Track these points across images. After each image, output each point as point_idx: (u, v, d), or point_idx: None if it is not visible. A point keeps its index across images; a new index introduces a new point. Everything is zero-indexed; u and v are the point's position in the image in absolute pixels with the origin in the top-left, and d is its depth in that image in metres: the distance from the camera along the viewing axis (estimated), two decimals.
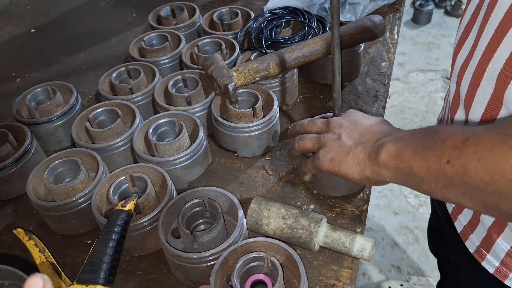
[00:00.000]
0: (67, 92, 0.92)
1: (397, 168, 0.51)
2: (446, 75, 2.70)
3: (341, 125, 0.63)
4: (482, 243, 0.66)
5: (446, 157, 0.44)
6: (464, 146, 0.43)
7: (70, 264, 0.70)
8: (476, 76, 0.57)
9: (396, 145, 0.52)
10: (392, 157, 0.52)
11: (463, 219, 0.70)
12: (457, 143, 0.44)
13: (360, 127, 0.62)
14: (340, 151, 0.60)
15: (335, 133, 0.63)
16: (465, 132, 0.44)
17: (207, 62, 0.84)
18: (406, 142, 0.51)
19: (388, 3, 1.17)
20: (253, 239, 0.60)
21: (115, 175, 0.72)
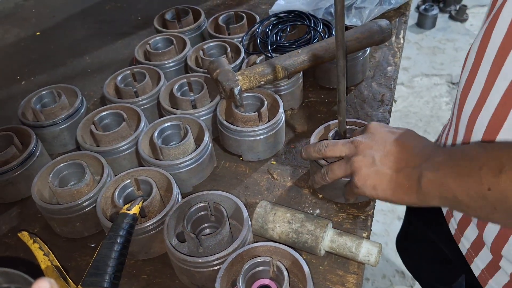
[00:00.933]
0: (72, 95, 0.92)
1: (442, 197, 0.52)
2: (451, 79, 2.69)
3: (371, 146, 0.60)
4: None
5: (486, 184, 0.45)
6: (501, 173, 0.44)
7: (75, 267, 0.70)
8: (492, 125, 0.56)
9: (436, 174, 0.52)
10: (435, 186, 0.52)
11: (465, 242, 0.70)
12: (494, 170, 0.45)
13: (392, 147, 0.59)
14: (381, 178, 0.58)
15: (367, 156, 0.60)
16: (501, 155, 0.45)
17: (213, 66, 0.83)
18: (444, 169, 0.51)
19: (393, 8, 1.17)
20: (259, 243, 0.60)
21: (120, 179, 0.71)
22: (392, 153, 0.58)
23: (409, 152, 0.57)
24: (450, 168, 0.50)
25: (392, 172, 0.57)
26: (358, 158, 0.60)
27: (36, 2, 1.50)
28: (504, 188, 0.44)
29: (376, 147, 0.60)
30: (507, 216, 0.46)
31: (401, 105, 2.55)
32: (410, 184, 0.55)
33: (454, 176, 0.49)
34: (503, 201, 0.44)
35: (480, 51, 0.58)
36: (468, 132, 0.61)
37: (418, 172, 0.54)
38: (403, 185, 0.56)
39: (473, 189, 0.47)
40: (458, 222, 0.71)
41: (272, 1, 1.27)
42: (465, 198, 0.48)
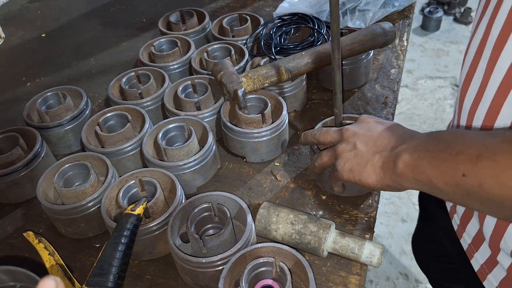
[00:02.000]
0: (77, 97, 0.92)
1: (416, 179, 0.52)
2: (455, 82, 2.69)
3: (355, 133, 0.63)
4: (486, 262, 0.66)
5: (461, 170, 0.45)
6: (478, 161, 0.44)
7: (79, 267, 0.70)
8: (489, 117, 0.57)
9: (413, 156, 0.52)
10: (410, 168, 0.52)
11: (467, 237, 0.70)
12: (471, 157, 0.44)
13: (375, 134, 0.61)
14: (358, 161, 0.60)
15: (350, 142, 0.62)
16: (479, 144, 0.45)
17: (217, 68, 0.84)
18: (421, 152, 0.51)
19: (397, 10, 1.17)
20: (262, 244, 0.60)
21: (124, 179, 0.72)
22: (373, 138, 0.60)
23: (389, 137, 0.59)
24: (427, 152, 0.50)
25: (369, 155, 0.59)
26: (342, 144, 0.63)
27: (41, 5, 1.51)
28: (480, 177, 0.43)
29: (360, 133, 0.62)
30: (480, 203, 0.46)
31: (405, 107, 2.55)
32: (385, 166, 0.56)
33: (430, 159, 0.49)
34: (477, 189, 0.44)
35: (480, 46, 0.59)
36: (468, 125, 0.62)
37: (395, 154, 0.55)
38: (379, 167, 0.57)
39: (448, 173, 0.47)
40: (461, 218, 0.72)
41: (276, 3, 1.27)
42: (439, 182, 0.48)
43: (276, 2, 1.31)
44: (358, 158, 0.60)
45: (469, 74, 0.62)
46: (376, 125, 0.63)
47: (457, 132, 0.50)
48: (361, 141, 0.61)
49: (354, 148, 0.61)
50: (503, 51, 0.53)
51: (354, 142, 0.62)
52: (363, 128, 0.63)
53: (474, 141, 0.46)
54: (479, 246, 0.68)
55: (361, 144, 0.61)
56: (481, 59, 0.59)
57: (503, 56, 0.54)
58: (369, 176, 0.59)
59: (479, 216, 0.66)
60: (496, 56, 0.55)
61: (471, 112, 0.62)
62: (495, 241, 0.63)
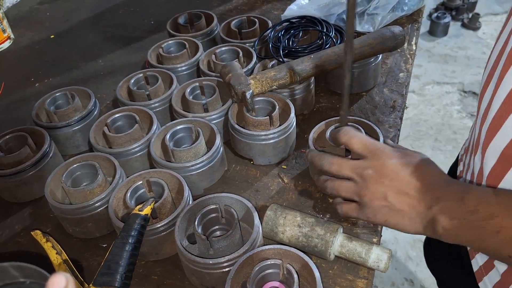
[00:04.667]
0: (85, 97, 0.93)
1: (458, 243, 0.54)
2: (463, 88, 2.68)
3: (381, 182, 0.58)
4: None
5: (505, 253, 0.49)
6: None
7: (86, 267, 0.70)
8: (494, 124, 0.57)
9: (451, 224, 0.53)
10: (451, 236, 0.54)
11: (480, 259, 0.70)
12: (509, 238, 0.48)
13: (402, 183, 0.58)
14: (393, 215, 0.58)
15: (378, 192, 0.58)
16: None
17: (225, 70, 0.84)
18: (461, 220, 0.52)
19: (406, 14, 1.17)
20: (269, 246, 0.60)
21: (132, 180, 0.72)
22: (402, 189, 0.57)
23: (420, 188, 0.56)
24: (465, 221, 0.51)
25: (405, 209, 0.57)
26: (369, 193, 0.59)
27: (50, 6, 1.52)
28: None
29: (387, 182, 0.58)
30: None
31: (412, 113, 2.54)
32: (423, 223, 0.56)
33: (471, 231, 0.51)
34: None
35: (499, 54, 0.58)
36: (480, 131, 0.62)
37: (431, 214, 0.54)
38: (416, 223, 0.57)
39: (492, 252, 0.51)
40: None
41: (284, 6, 1.27)
42: (483, 252, 0.53)
43: (284, 5, 1.31)
44: (392, 212, 0.58)
45: (487, 80, 0.61)
46: (401, 169, 0.58)
47: (488, 200, 0.51)
48: (392, 194, 0.58)
49: (385, 200, 0.58)
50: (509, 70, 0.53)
51: (384, 192, 0.58)
52: (389, 176, 0.58)
53: (509, 220, 0.48)
54: None
55: (392, 197, 0.58)
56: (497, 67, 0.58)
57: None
58: (408, 229, 0.58)
59: None
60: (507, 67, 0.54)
61: (483, 120, 0.61)
62: None
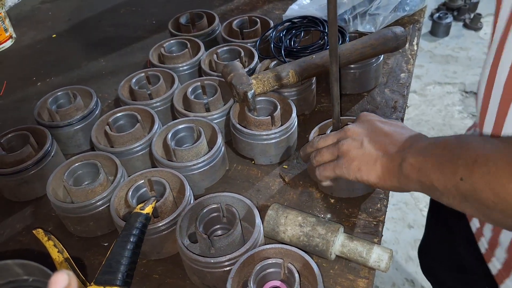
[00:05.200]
0: (87, 97, 0.93)
1: (420, 181, 0.53)
2: (464, 88, 2.67)
3: (360, 132, 0.63)
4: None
5: (459, 174, 0.46)
6: (474, 166, 0.45)
7: (87, 266, 0.70)
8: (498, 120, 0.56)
9: (417, 159, 0.53)
10: (415, 170, 0.53)
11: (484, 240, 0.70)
12: (468, 161, 0.46)
13: (380, 133, 0.61)
14: (367, 160, 0.60)
15: (356, 140, 0.62)
16: (477, 149, 0.46)
17: (227, 69, 0.84)
18: (426, 155, 0.52)
19: (408, 14, 1.17)
20: (270, 245, 0.60)
21: (133, 179, 0.72)
22: (380, 138, 0.60)
23: (397, 137, 0.59)
24: (431, 155, 0.51)
25: (378, 155, 0.59)
26: (347, 141, 0.62)
27: (52, 6, 1.53)
28: (474, 182, 0.45)
29: (365, 132, 0.62)
30: (476, 209, 0.47)
31: (413, 113, 2.54)
32: (393, 167, 0.57)
33: (433, 162, 0.51)
34: (472, 193, 0.45)
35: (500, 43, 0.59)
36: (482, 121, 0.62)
37: (402, 156, 0.55)
38: (387, 167, 0.58)
39: (447, 177, 0.48)
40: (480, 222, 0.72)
41: (286, 6, 1.27)
42: (440, 185, 0.49)
43: (285, 5, 1.32)
44: (366, 158, 0.60)
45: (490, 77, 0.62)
46: (380, 125, 0.63)
47: (462, 137, 0.51)
48: (368, 140, 0.61)
49: (361, 146, 0.61)
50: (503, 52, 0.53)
51: (361, 140, 0.61)
52: (368, 128, 0.63)
53: (474, 147, 0.47)
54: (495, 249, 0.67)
55: (368, 143, 0.61)
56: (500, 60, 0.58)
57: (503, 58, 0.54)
58: (378, 177, 0.59)
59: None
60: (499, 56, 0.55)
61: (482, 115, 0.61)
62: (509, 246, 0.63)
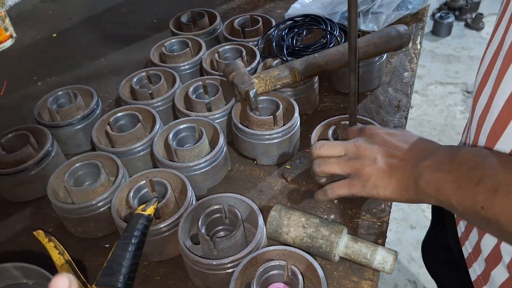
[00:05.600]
0: (88, 96, 0.92)
1: (438, 200, 0.52)
2: (466, 88, 2.66)
3: (371, 149, 0.61)
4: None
5: (480, 202, 0.46)
6: (496, 195, 0.44)
7: (88, 267, 0.70)
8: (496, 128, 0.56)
9: (434, 176, 0.52)
10: (432, 188, 0.52)
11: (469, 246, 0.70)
12: (489, 190, 0.45)
13: (391, 147, 0.60)
14: (382, 177, 0.59)
15: (368, 158, 0.60)
16: (496, 174, 0.45)
17: (229, 68, 0.83)
18: (443, 173, 0.51)
19: (411, 13, 1.16)
20: (273, 247, 0.59)
21: (135, 180, 0.71)
22: (392, 151, 0.59)
23: (410, 150, 0.58)
24: (449, 174, 0.51)
25: (392, 171, 0.58)
26: (360, 160, 0.61)
27: (53, 5, 1.52)
28: (497, 211, 0.44)
29: (377, 148, 0.61)
30: (498, 233, 0.47)
31: (415, 113, 2.53)
32: (408, 181, 0.56)
33: (451, 183, 0.50)
34: (495, 221, 0.45)
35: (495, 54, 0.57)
36: (477, 135, 0.61)
37: (417, 170, 0.55)
38: (403, 182, 0.57)
39: (467, 202, 0.47)
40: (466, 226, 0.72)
41: (287, 5, 1.27)
42: (459, 207, 0.49)
43: (287, 4, 1.31)
44: (381, 174, 0.59)
45: (482, 82, 0.61)
46: (389, 138, 0.61)
47: (479, 155, 0.50)
48: (381, 156, 0.60)
49: (375, 163, 0.59)
50: None
51: (373, 157, 0.60)
52: (378, 143, 0.61)
53: (494, 171, 0.46)
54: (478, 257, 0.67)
55: (381, 159, 0.59)
56: (493, 68, 0.57)
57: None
58: (393, 192, 0.58)
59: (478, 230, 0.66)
60: (505, 68, 0.53)
61: (479, 124, 0.60)
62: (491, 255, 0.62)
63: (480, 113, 0.60)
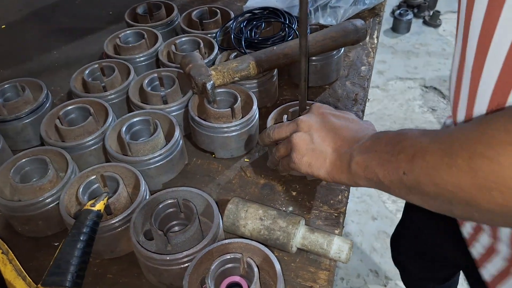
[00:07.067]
0: (37, 89, 0.88)
1: (367, 178, 0.54)
2: (424, 83, 2.74)
3: (311, 125, 0.63)
4: None
5: (401, 169, 0.48)
6: (414, 160, 0.46)
7: (37, 267, 0.66)
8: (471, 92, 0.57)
9: (363, 157, 0.55)
10: (361, 168, 0.55)
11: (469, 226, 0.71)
12: (408, 156, 0.47)
13: (331, 128, 0.62)
14: (317, 157, 0.61)
15: (307, 134, 0.63)
16: (415, 143, 0.48)
17: (185, 60, 0.81)
18: (371, 153, 0.54)
19: (368, 8, 1.17)
20: (229, 240, 0.58)
21: (85, 175, 0.68)
22: (330, 133, 0.61)
23: (346, 134, 0.61)
24: (375, 152, 0.53)
25: (327, 152, 0.60)
26: (298, 134, 0.63)
27: None
28: (416, 175, 0.46)
29: (316, 126, 0.63)
30: (421, 200, 0.49)
31: (376, 108, 2.58)
32: (342, 164, 0.58)
33: (377, 159, 0.52)
34: (416, 185, 0.47)
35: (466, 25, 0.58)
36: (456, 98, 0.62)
37: (349, 154, 0.57)
38: (336, 165, 0.59)
39: (391, 172, 0.50)
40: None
41: None
42: (386, 180, 0.51)
43: None
44: (316, 154, 0.61)
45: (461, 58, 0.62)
46: (332, 119, 0.64)
47: (402, 132, 0.52)
48: (318, 135, 0.62)
49: (312, 142, 0.62)
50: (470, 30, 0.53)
51: (311, 135, 0.62)
52: (319, 121, 0.63)
53: (413, 141, 0.48)
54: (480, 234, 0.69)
55: (318, 138, 0.62)
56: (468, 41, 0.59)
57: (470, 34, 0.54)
58: (328, 173, 0.60)
59: None
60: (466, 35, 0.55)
61: (457, 86, 0.62)
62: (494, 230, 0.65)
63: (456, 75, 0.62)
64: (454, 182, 0.42)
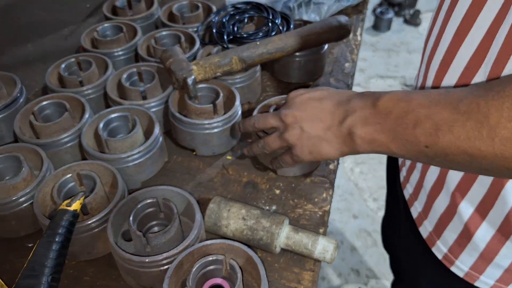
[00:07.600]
0: (10, 84, 0.84)
1: (376, 150, 0.54)
2: (404, 82, 2.76)
3: (295, 117, 0.63)
4: (434, 229, 0.70)
5: (423, 143, 0.47)
6: (439, 134, 0.45)
7: (10, 270, 0.63)
8: (443, 64, 0.59)
9: (366, 130, 0.54)
10: (367, 142, 0.54)
11: (418, 205, 0.74)
12: (429, 130, 0.46)
13: (313, 112, 0.62)
14: (313, 142, 0.61)
15: (296, 128, 0.62)
16: (433, 115, 0.46)
17: (166, 55, 0.79)
18: (373, 125, 0.53)
19: (351, 5, 1.16)
20: (211, 241, 0.56)
21: (60, 173, 0.66)
22: (315, 116, 0.61)
23: (331, 109, 0.60)
24: (378, 125, 0.52)
25: (321, 134, 0.60)
26: (289, 132, 0.63)
27: None
28: (444, 147, 0.46)
29: (300, 115, 0.62)
30: (446, 165, 0.49)
31: None
32: (340, 139, 0.58)
33: (386, 133, 0.51)
34: (443, 156, 0.47)
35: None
36: (426, 73, 0.65)
37: (346, 128, 0.56)
38: (335, 142, 0.59)
39: (409, 146, 0.49)
40: (407, 169, 0.77)
41: None
42: (400, 151, 0.51)
43: None
44: (312, 140, 0.61)
45: (432, 25, 0.65)
46: (309, 102, 0.63)
47: (401, 98, 0.51)
48: (306, 124, 0.61)
49: (303, 132, 0.62)
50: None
51: (300, 126, 0.62)
52: (300, 109, 0.63)
53: (425, 111, 0.47)
54: (418, 194, 0.73)
55: (307, 126, 0.61)
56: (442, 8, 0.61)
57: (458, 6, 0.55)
58: (329, 152, 0.60)
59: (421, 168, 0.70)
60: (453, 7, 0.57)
61: (429, 61, 0.64)
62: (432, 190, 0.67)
63: (430, 51, 0.63)
64: (496, 153, 0.42)
